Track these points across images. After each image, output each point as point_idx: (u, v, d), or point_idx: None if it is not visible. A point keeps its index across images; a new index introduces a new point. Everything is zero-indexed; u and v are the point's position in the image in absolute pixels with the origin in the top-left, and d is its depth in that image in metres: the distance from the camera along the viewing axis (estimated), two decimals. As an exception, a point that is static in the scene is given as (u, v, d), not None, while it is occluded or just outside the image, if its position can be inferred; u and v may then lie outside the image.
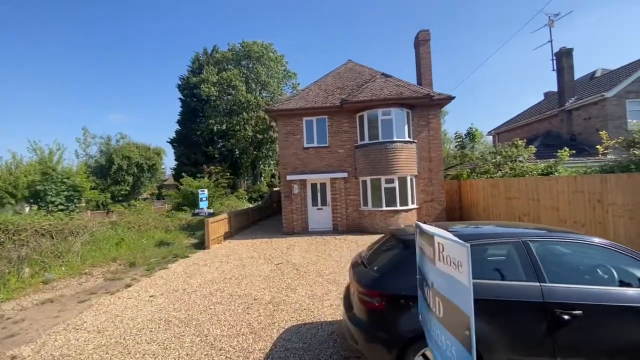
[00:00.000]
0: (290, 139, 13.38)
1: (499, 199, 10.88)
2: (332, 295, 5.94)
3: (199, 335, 4.64)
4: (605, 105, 13.27)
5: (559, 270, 2.93)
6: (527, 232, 3.19)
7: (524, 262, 2.90)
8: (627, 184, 6.04)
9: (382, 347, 2.92)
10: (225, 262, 8.97)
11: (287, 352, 4.03)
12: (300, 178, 13.22)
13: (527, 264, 2.88)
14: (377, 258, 3.56)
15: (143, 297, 6.41)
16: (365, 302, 3.10)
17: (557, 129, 15.81)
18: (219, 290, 6.58)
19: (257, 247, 10.99)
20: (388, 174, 12.32)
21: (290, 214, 13.35)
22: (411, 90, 12.84)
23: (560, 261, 3.13)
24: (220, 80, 32.90)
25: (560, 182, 7.93)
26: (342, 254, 9.26)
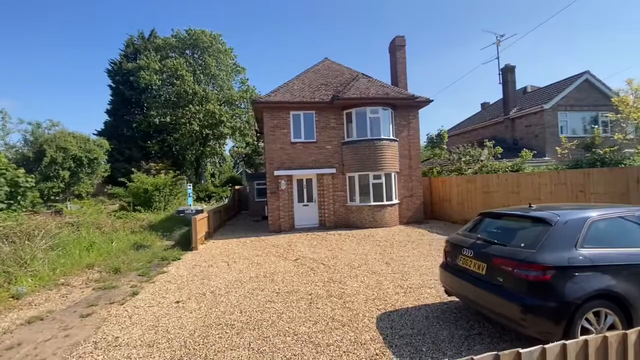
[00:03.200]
0: (276, 133, 12.85)
1: (476, 193, 12.13)
2: (388, 285, 5.93)
3: (285, 334, 4.19)
4: (543, 115, 15.91)
5: None
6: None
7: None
8: (609, 176, 7.38)
9: (549, 316, 3.06)
10: (233, 262, 8.21)
11: (404, 338, 3.91)
12: (287, 174, 12.78)
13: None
14: (513, 236, 3.71)
15: (166, 304, 5.49)
16: (524, 277, 3.21)
17: (502, 134, 18.35)
18: (256, 290, 6.00)
19: (251, 245, 10.28)
20: (376, 170, 12.74)
21: (277, 210, 12.81)
22: (395, 92, 13.52)
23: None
24: (163, 69, 29.79)
25: (543, 176, 9.25)
26: (353, 247, 9.26)
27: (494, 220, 4.33)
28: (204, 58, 32.47)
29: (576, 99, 16.18)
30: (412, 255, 8.03)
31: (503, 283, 3.39)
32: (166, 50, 31.76)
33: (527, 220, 3.78)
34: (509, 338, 3.75)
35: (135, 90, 31.50)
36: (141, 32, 35.02)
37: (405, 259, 7.76)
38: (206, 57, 32.39)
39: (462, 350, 3.57)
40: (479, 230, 4.28)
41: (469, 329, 4.04)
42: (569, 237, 3.32)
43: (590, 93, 16.37)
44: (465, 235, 4.35)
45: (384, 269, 6.98)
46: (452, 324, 4.22)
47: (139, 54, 32.73)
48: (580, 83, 16.23)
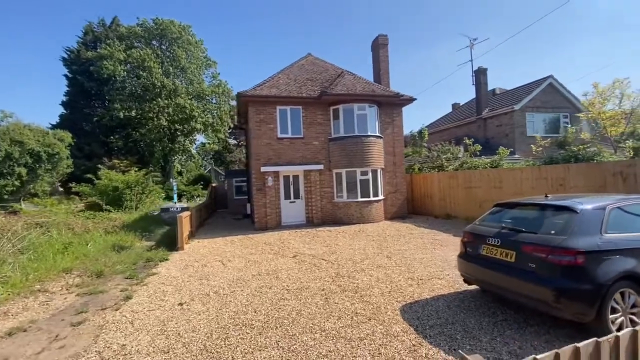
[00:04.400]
0: (263, 128, 12.48)
1: (458, 189, 12.64)
2: (397, 278, 5.95)
3: (312, 331, 4.04)
4: (513, 115, 16.97)
5: None
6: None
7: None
8: (588, 170, 8.00)
9: (584, 298, 3.21)
10: (227, 261, 7.84)
11: (434, 328, 3.92)
12: (273, 170, 12.48)
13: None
14: (539, 223, 3.85)
15: (168, 307, 5.10)
16: (558, 262, 3.33)
17: (474, 133, 19.30)
18: (263, 287, 5.76)
19: (241, 244, 9.91)
20: (364, 166, 12.83)
21: (263, 208, 12.46)
22: (381, 89, 13.69)
23: None
24: (128, 59, 27.87)
25: (525, 171, 9.83)
26: (348, 243, 9.24)
27: (513, 210, 4.48)
28: (173, 50, 30.84)
29: (542, 101, 17.47)
30: (409, 249, 8.16)
31: (536, 269, 3.50)
32: (131, 40, 29.75)
33: (551, 209, 3.94)
34: (534, 322, 3.89)
35: (96, 81, 29.14)
36: (102, 19, 32.46)
37: (404, 252, 7.87)
38: (175, 49, 30.79)
39: (495, 335, 3.64)
40: (499, 220, 4.41)
41: (493, 316, 4.14)
42: (595, 223, 3.51)
43: (554, 96, 17.75)
44: (486, 225, 4.46)
45: (387, 262, 7.02)
46: (475, 312, 4.32)
47: (100, 42, 30.31)
48: (545, 86, 17.53)
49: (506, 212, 4.52)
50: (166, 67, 29.98)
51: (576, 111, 18.12)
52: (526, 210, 4.30)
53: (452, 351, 3.39)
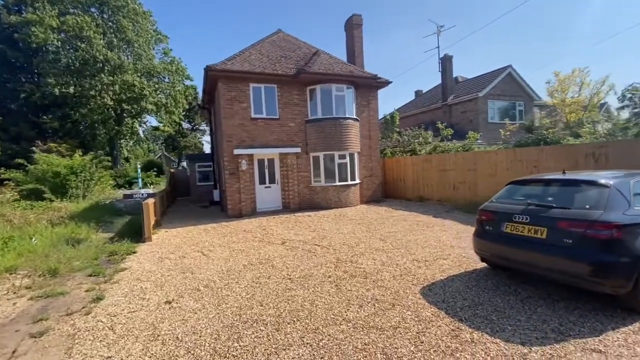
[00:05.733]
0: (235, 107, 11.47)
1: (432, 172, 12.90)
2: (402, 260, 5.75)
3: (336, 323, 3.63)
4: (477, 102, 17.74)
5: None
6: None
7: None
8: (561, 152, 8.48)
9: (623, 271, 3.19)
10: (208, 251, 7.08)
11: (466, 310, 3.72)
12: (247, 152, 11.62)
13: None
14: (570, 199, 3.77)
15: (153, 306, 4.34)
16: (597, 236, 3.27)
17: (440, 119, 19.90)
18: (261, 278, 5.21)
19: (217, 232, 9.10)
20: (342, 150, 12.50)
21: (237, 193, 11.61)
22: (359, 70, 13.32)
23: None
24: (62, 27, 24.12)
25: (500, 154, 10.22)
26: (335, 227, 8.91)
27: (531, 187, 4.43)
28: (117, 19, 27.37)
29: (502, 89, 18.50)
30: (399, 231, 8.06)
31: (572, 244, 3.43)
32: (65, 5, 25.72)
33: (577, 184, 3.91)
34: (557, 297, 3.88)
35: (22, 51, 24.95)
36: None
37: (395, 234, 7.74)
38: (119, 19, 27.35)
39: (530, 314, 3.55)
40: (520, 197, 4.32)
41: (515, 294, 4.08)
42: (624, 197, 3.51)
43: (511, 85, 18.88)
44: (508, 203, 4.35)
45: (384, 245, 6.81)
46: (496, 290, 4.23)
47: (25, 5, 25.75)
48: (505, 75, 18.55)
49: (524, 189, 4.46)
50: (109, 38, 26.57)
51: (530, 100, 19.53)
52: (547, 187, 4.25)
53: (496, 333, 3.22)
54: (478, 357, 2.86)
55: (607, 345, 2.89)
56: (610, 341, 2.96)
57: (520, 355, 2.84)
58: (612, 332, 3.10)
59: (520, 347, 2.96)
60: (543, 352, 2.86)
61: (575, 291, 3.94)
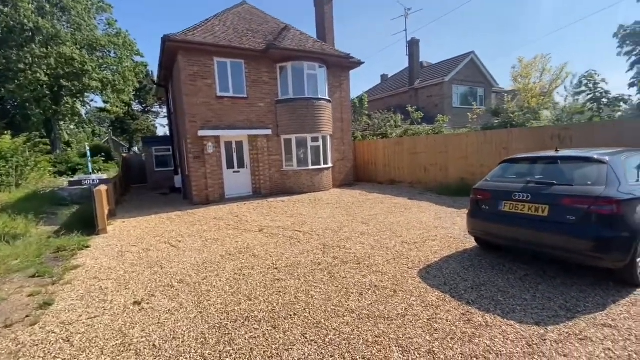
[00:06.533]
0: (198, 84, 10.42)
1: (403, 155, 12.97)
2: (391, 243, 5.57)
3: (338, 314, 3.32)
4: (443, 87, 18.12)
5: None
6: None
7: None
8: (529, 134, 8.82)
9: (623, 245, 3.22)
10: (177, 242, 6.37)
11: (470, 292, 3.60)
12: (214, 134, 10.72)
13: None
14: (570, 176, 3.73)
15: (118, 309, 3.70)
16: (600, 212, 3.26)
17: (407, 103, 20.14)
18: (244, 269, 4.73)
19: (184, 221, 8.32)
20: (315, 132, 12.04)
21: (204, 179, 10.72)
22: (331, 49, 12.78)
23: None
24: (-23, -15, 20.31)
25: (470, 136, 10.44)
26: (313, 212, 8.55)
27: (526, 165, 4.38)
28: (49, -20, 23.66)
29: (465, 75, 19.07)
30: (378, 214, 7.93)
31: (576, 221, 3.40)
32: (-21, -42, 21.58)
33: (575, 162, 3.90)
34: (553, 274, 3.90)
35: None
36: None
37: (376, 217, 7.58)
38: (52, -20, 23.68)
39: (534, 292, 3.50)
40: (516, 175, 4.26)
41: (512, 272, 4.05)
42: (620, 173, 3.54)
43: (473, 71, 19.54)
44: (504, 181, 4.27)
45: (368, 229, 6.60)
46: (493, 270, 4.18)
47: None
48: (468, 62, 19.11)
49: (519, 168, 4.41)
50: (40, 3, 22.98)
51: (490, 87, 20.41)
52: (542, 165, 4.22)
53: (507, 315, 3.11)
54: (498, 342, 2.71)
55: (615, 319, 2.89)
56: (616, 314, 2.98)
57: (538, 336, 2.74)
58: (614, 305, 3.13)
59: (536, 327, 2.86)
60: (559, 331, 2.79)
61: (567, 267, 4.00)
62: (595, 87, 9.15)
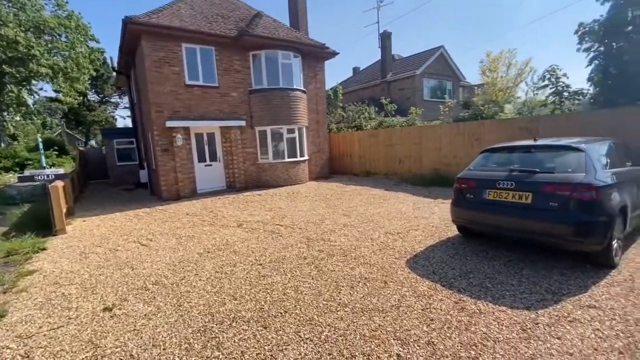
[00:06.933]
0: (165, 71, 9.73)
1: (378, 147, 13.06)
2: (375, 234, 5.53)
3: (331, 310, 3.20)
4: (414, 80, 18.42)
5: None
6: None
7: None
8: (500, 126, 9.17)
9: (602, 229, 3.37)
10: (148, 240, 5.93)
11: (459, 280, 3.62)
12: (183, 125, 10.10)
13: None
14: (550, 164, 3.83)
15: (86, 317, 3.33)
16: (581, 198, 3.38)
17: (379, 96, 20.29)
18: (225, 266, 4.47)
19: (153, 218, 7.80)
20: (290, 124, 11.76)
21: (173, 173, 10.11)
22: (306, 38, 12.47)
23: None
24: None
25: (444, 128, 10.69)
26: (292, 205, 8.36)
27: (506, 155, 4.48)
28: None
29: (435, 68, 19.52)
30: (358, 205, 7.90)
31: (557, 207, 3.51)
32: None
33: (554, 150, 4.03)
34: (535, 259, 4.04)
35: None
36: None
37: (356, 209, 7.55)
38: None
39: (519, 277, 3.59)
40: (498, 164, 4.34)
41: (496, 259, 4.15)
42: (597, 161, 3.70)
43: (442, 65, 20.06)
44: (488, 170, 4.34)
45: (349, 220, 6.53)
46: (477, 257, 4.25)
47: None
48: (438, 55, 19.57)
49: (500, 157, 4.50)
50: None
51: (458, 80, 21.09)
52: (522, 154, 4.33)
53: (498, 300, 3.15)
54: (493, 328, 2.73)
55: (598, 300, 3.02)
56: (598, 295, 3.11)
57: (531, 320, 2.79)
58: (594, 287, 3.28)
59: (527, 312, 2.92)
60: (549, 314, 2.86)
61: (547, 252, 4.17)
62: (557, 81, 9.66)
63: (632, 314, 2.74)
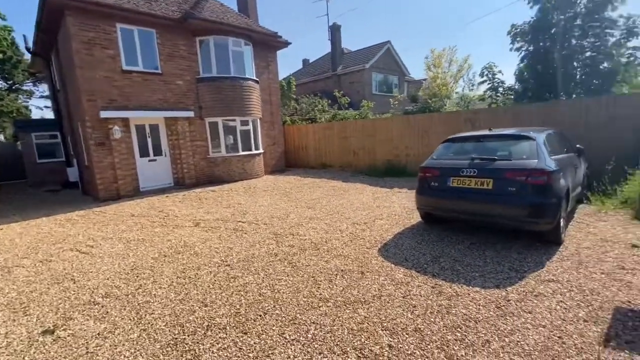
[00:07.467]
0: (96, 53, 8.53)
1: (333, 139, 13.13)
2: (343, 225, 5.51)
3: (312, 306, 3.09)
4: (364, 74, 18.80)
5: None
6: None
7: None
8: (446, 119, 9.76)
9: (554, 210, 3.73)
10: (88, 247, 5.19)
11: (432, 265, 3.74)
12: (121, 116, 9.02)
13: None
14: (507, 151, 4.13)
15: (22, 343, 2.79)
16: (535, 182, 3.70)
17: (330, 89, 20.37)
18: (188, 270, 4.09)
19: (90, 222, 6.88)
20: (244, 115, 11.21)
21: (111, 169, 9.00)
22: (257, 25, 11.92)
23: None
24: None
25: (395, 121, 11.08)
26: (251, 200, 7.99)
27: (465, 144, 4.74)
28: None
29: (383, 63, 20.16)
30: (320, 198, 7.85)
31: (516, 192, 3.80)
32: None
33: (508, 139, 4.35)
34: (494, 241, 4.34)
35: None
36: None
37: (319, 201, 7.48)
38: None
39: (484, 258, 3.84)
40: (459, 153, 4.57)
41: (460, 243, 4.39)
42: (545, 148, 4.08)
43: (389, 60, 20.80)
44: (450, 159, 4.54)
45: (315, 213, 6.44)
46: (443, 242, 4.46)
47: None
48: (385, 50, 20.22)
49: (460, 146, 4.74)
50: None
51: (403, 76, 22.08)
52: (480, 143, 4.60)
53: (470, 282, 3.32)
54: (472, 309, 2.85)
55: (555, 274, 3.35)
56: (554, 270, 3.44)
57: (503, 298, 2.98)
58: (549, 262, 3.63)
59: (498, 290, 3.11)
60: (517, 290, 3.08)
61: (503, 233, 4.52)
62: (493, 77, 10.59)
63: (586, 285, 3.08)
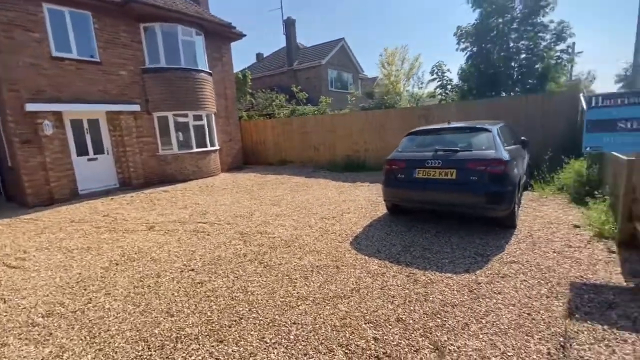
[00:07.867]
0: (18, 37, 7.36)
1: (293, 134, 12.97)
2: (312, 221, 5.42)
3: (290, 305, 2.97)
4: (320, 69, 18.79)
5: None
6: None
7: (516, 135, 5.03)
8: (402, 115, 10.12)
9: (510, 197, 4.01)
10: (20, 259, 4.48)
11: (404, 255, 3.82)
12: (52, 109, 7.93)
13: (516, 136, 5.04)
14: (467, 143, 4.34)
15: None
16: (493, 171, 3.95)
17: (286, 84, 20.06)
18: (147, 278, 3.71)
19: (21, 231, 5.96)
20: (197, 109, 10.55)
21: (42, 170, 7.88)
22: (209, 14, 11.23)
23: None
24: None
25: (354, 116, 11.23)
26: (211, 200, 7.55)
27: (428, 136, 4.92)
28: None
29: (338, 59, 20.34)
30: (284, 194, 7.68)
31: (477, 180, 4.02)
32: None
33: (467, 131, 4.58)
34: (458, 228, 4.56)
35: None
36: None
37: (283, 198, 7.31)
38: None
39: (450, 245, 4.01)
40: (424, 145, 4.72)
41: (427, 232, 4.54)
42: (500, 139, 4.38)
43: (344, 57, 21.06)
44: (414, 151, 4.68)
45: (280, 210, 6.27)
46: (410, 231, 4.59)
47: None
48: (339, 48, 20.41)
49: (423, 139, 4.90)
50: None
51: (357, 73, 22.53)
52: (441, 135, 4.80)
53: (442, 268, 3.44)
54: (448, 294, 2.95)
55: (515, 256, 3.60)
56: (514, 252, 3.71)
57: (473, 281, 3.13)
58: (508, 245, 3.91)
59: (468, 275, 3.27)
60: (485, 274, 3.26)
61: (462, 221, 4.78)
62: (442, 75, 11.23)
63: (543, 264, 3.35)
